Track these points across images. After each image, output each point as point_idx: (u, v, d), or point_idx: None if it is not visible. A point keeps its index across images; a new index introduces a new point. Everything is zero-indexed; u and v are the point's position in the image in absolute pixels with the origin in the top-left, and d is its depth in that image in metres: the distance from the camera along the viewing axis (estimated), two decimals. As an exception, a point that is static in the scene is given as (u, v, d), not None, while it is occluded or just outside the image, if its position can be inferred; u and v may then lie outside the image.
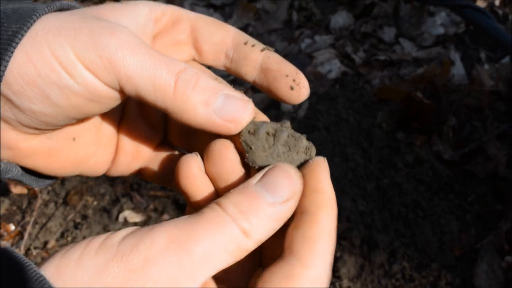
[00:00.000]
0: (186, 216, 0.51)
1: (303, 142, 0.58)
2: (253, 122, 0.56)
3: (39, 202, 2.20)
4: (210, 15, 3.06)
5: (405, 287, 1.81)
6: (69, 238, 2.06)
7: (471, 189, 2.04)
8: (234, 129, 0.55)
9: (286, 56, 2.78)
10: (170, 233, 0.48)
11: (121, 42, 0.52)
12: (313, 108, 2.39)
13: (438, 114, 2.21)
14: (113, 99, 0.55)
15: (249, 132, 0.56)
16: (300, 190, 0.53)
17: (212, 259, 0.48)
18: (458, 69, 2.51)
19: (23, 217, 2.17)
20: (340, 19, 2.90)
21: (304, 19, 3.01)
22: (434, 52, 2.64)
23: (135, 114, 0.69)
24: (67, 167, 0.64)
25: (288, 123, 0.59)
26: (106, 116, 0.67)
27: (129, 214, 2.08)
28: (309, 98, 2.45)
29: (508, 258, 1.77)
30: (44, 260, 0.48)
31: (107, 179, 2.26)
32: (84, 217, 2.13)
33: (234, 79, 2.71)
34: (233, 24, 3.01)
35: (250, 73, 0.65)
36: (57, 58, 0.51)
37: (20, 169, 0.62)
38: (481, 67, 2.41)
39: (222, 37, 0.65)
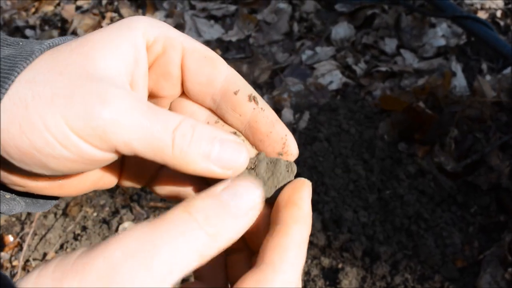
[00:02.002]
0: (147, 222, 0.50)
1: (282, 162, 0.60)
2: None
3: (38, 213, 2.19)
4: (211, 26, 3.06)
5: (408, 299, 1.80)
6: (69, 250, 2.05)
7: (474, 200, 2.03)
8: (232, 175, 0.56)
9: (288, 67, 2.78)
10: (134, 243, 0.48)
11: (114, 111, 0.51)
12: (314, 119, 2.38)
13: (439, 125, 2.20)
14: (111, 159, 0.55)
15: None
16: (262, 196, 0.54)
17: (177, 262, 0.48)
18: (460, 80, 2.50)
19: (22, 228, 2.16)
20: (341, 30, 2.90)
21: (305, 30, 3.01)
22: (435, 64, 2.64)
23: None
24: (79, 191, 0.63)
25: (262, 154, 0.60)
26: None
27: (129, 226, 2.07)
28: (310, 109, 2.45)
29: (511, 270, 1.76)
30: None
31: (107, 190, 2.25)
32: (84, 228, 2.12)
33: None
34: (234, 36, 3.02)
35: (237, 126, 0.62)
36: (50, 131, 0.50)
37: (24, 205, 0.61)
38: (482, 78, 2.41)
39: (209, 78, 0.61)
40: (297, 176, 0.60)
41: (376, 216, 1.99)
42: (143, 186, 0.68)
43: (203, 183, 0.64)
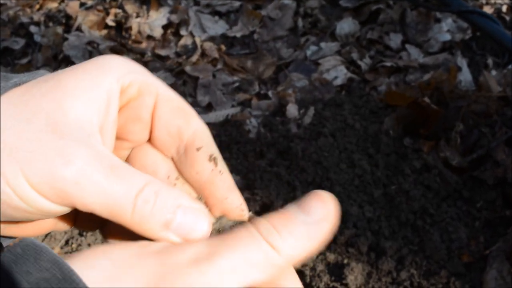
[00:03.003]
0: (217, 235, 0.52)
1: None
2: None
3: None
4: (215, 22, 3.06)
5: (414, 294, 1.79)
6: (74, 245, 2.05)
7: (480, 195, 2.02)
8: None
9: (292, 62, 2.77)
10: (197, 249, 0.49)
11: (76, 172, 0.49)
12: (319, 115, 2.37)
13: (445, 120, 2.19)
14: (68, 211, 0.54)
15: None
16: (334, 214, 0.52)
17: (235, 272, 0.48)
18: (465, 75, 2.49)
19: (27, 225, 2.16)
20: (346, 25, 2.89)
21: (309, 26, 3.00)
22: (440, 59, 2.63)
23: None
24: (37, 233, 0.61)
25: (224, 218, 0.58)
26: None
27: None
28: (315, 105, 2.44)
29: (518, 265, 1.75)
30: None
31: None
32: (89, 224, 2.11)
33: (239, 86, 2.70)
34: (238, 32, 3.01)
35: (193, 184, 0.60)
36: (8, 182, 0.49)
37: None
38: (488, 73, 2.40)
39: (179, 130, 0.59)
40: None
41: (382, 211, 1.98)
42: (96, 230, 0.66)
43: None
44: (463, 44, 2.69)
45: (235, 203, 0.58)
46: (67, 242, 2.07)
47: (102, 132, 0.55)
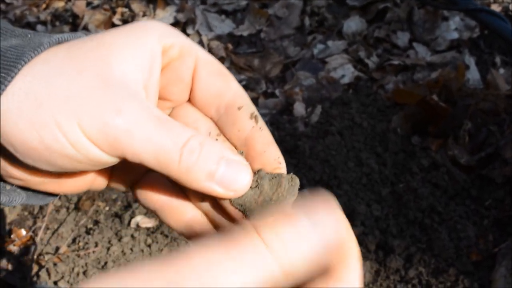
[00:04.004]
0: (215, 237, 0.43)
1: (283, 176, 0.59)
2: None
3: (50, 207, 2.19)
4: (222, 21, 3.06)
5: (422, 293, 1.78)
6: (81, 244, 2.05)
7: (488, 193, 2.01)
8: (234, 196, 0.55)
9: (299, 61, 2.77)
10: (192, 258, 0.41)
11: (128, 121, 0.51)
12: (326, 113, 2.37)
13: (453, 118, 2.18)
14: (114, 163, 0.55)
15: None
16: (345, 228, 0.46)
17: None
18: (473, 74, 2.48)
19: (34, 222, 2.16)
20: (353, 24, 2.88)
21: (316, 24, 3.00)
22: (448, 57, 2.62)
23: None
24: (74, 190, 0.63)
25: (262, 171, 0.59)
26: None
27: (141, 219, 2.07)
28: (322, 103, 2.44)
29: (528, 263, 1.74)
30: None
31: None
32: (96, 222, 2.12)
33: (246, 85, 2.70)
34: (245, 30, 3.01)
35: (234, 141, 0.62)
36: (62, 130, 0.51)
37: (24, 196, 0.61)
38: (496, 71, 2.39)
39: (219, 91, 0.61)
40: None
41: (389, 210, 1.98)
42: (127, 189, 0.67)
43: (199, 197, 0.62)
44: (470, 42, 2.68)
45: (273, 155, 0.60)
46: (74, 240, 2.08)
47: (146, 91, 0.56)
